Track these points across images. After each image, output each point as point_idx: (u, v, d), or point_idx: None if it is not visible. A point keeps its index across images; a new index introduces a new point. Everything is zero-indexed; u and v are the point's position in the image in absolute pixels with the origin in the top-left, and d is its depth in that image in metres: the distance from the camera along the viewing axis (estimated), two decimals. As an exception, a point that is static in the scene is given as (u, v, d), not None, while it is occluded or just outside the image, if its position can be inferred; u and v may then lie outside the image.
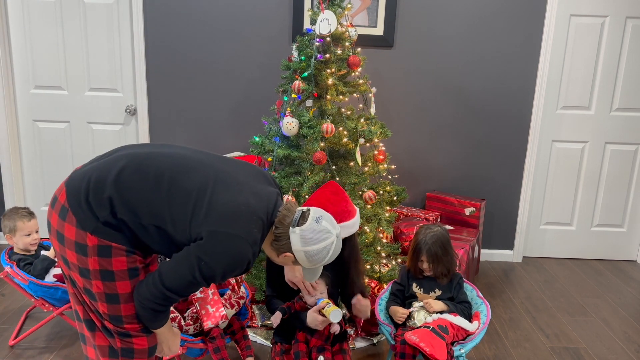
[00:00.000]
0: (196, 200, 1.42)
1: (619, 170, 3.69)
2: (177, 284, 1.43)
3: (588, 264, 3.77)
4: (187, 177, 1.46)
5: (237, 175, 1.52)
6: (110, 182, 1.43)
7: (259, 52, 3.42)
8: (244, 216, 1.43)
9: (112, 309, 1.49)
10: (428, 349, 1.82)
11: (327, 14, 2.50)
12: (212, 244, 1.40)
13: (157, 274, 1.44)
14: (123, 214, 1.43)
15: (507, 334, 2.73)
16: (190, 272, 1.40)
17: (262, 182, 1.57)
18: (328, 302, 1.92)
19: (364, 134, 2.64)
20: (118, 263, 1.45)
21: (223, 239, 1.40)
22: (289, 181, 2.58)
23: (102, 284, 1.46)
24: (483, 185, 3.65)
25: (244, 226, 1.43)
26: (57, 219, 1.46)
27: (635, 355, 2.57)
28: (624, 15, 3.41)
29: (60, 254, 1.50)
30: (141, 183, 1.44)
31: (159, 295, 1.44)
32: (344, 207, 1.88)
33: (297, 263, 1.59)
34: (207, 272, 1.41)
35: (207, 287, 1.94)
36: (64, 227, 1.45)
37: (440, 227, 2.19)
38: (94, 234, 1.42)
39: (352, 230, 1.92)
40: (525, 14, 3.38)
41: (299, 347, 1.95)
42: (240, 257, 1.42)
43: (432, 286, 2.17)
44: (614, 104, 3.57)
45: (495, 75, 3.47)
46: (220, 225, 1.40)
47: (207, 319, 2.04)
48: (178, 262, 1.43)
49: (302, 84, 2.53)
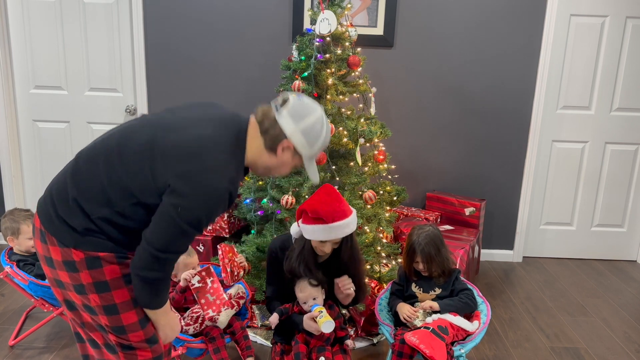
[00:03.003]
0: (149, 156, 1.36)
1: (619, 170, 3.69)
2: (165, 240, 1.35)
3: (588, 264, 3.77)
4: (132, 141, 1.40)
5: (182, 115, 1.46)
6: (68, 184, 1.40)
7: (259, 52, 3.42)
8: (201, 148, 1.36)
9: (112, 320, 1.44)
10: (428, 351, 1.82)
11: (327, 14, 2.50)
12: (180, 187, 1.33)
13: (143, 241, 1.37)
14: (94, 209, 1.38)
15: (507, 334, 2.73)
16: (171, 223, 1.33)
17: (217, 109, 1.50)
18: (321, 310, 1.91)
19: (364, 134, 2.64)
20: (110, 272, 1.41)
21: (189, 179, 1.33)
22: (289, 181, 2.58)
23: (97, 296, 1.41)
24: (483, 185, 3.65)
25: (205, 158, 1.35)
26: (41, 244, 1.43)
27: (635, 355, 2.57)
28: (624, 15, 3.41)
29: (53, 278, 1.46)
30: (94, 169, 1.40)
31: (153, 260, 1.36)
32: (336, 207, 1.88)
33: (297, 154, 1.50)
34: (189, 216, 1.33)
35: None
36: (49, 250, 1.41)
37: (432, 227, 2.19)
38: (77, 248, 1.38)
39: (347, 230, 1.90)
40: (525, 14, 3.38)
41: (299, 348, 1.95)
42: (214, 191, 1.35)
43: (432, 285, 2.17)
44: (614, 104, 3.57)
45: (495, 75, 3.47)
46: (180, 168, 1.34)
47: (207, 307, 2.02)
48: (158, 220, 1.35)
49: (302, 84, 2.53)
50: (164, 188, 1.35)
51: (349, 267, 2.02)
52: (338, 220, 1.86)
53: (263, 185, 2.73)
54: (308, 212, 1.88)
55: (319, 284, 1.99)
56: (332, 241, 1.92)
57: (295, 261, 1.96)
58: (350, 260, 2.01)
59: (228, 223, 2.95)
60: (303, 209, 1.91)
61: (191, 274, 2.05)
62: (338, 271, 2.03)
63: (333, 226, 1.86)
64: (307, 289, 1.98)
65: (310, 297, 1.98)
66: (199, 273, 2.04)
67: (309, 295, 1.98)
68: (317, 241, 1.93)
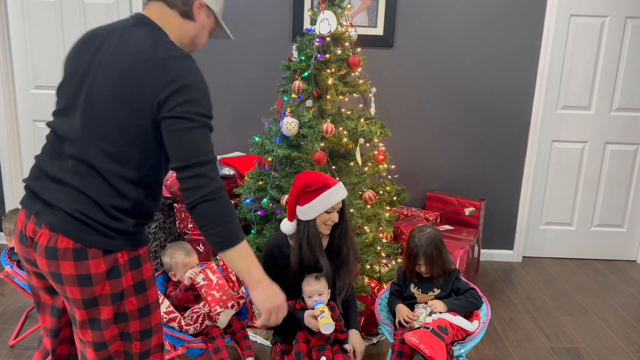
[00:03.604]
0: (122, 97, 1.26)
1: (619, 170, 3.69)
2: (200, 149, 1.26)
3: (588, 264, 3.77)
4: (94, 110, 1.29)
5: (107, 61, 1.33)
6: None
7: (259, 52, 3.42)
8: (163, 58, 1.27)
9: (143, 323, 1.37)
10: (428, 351, 1.82)
11: (327, 14, 2.50)
12: (172, 90, 1.25)
13: (183, 172, 1.26)
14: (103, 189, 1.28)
15: (507, 334, 2.73)
16: (191, 129, 1.25)
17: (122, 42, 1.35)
18: (323, 309, 1.91)
19: (364, 134, 2.64)
20: (147, 270, 1.37)
21: (173, 78, 1.25)
22: (289, 181, 2.58)
23: (135, 298, 1.34)
24: (483, 185, 3.65)
25: (168, 57, 1.27)
26: (72, 264, 1.28)
27: (635, 355, 2.57)
28: (624, 15, 3.41)
29: (76, 299, 1.29)
30: (52, 157, 1.34)
31: (208, 175, 1.26)
32: (325, 174, 2.00)
33: (210, 13, 1.45)
34: (198, 108, 1.26)
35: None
36: (88, 265, 1.28)
37: (432, 228, 2.18)
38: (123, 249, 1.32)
39: (344, 191, 1.98)
40: (525, 14, 3.38)
41: (300, 347, 1.95)
42: (197, 70, 1.30)
43: (431, 286, 2.17)
44: (614, 104, 3.57)
45: (495, 75, 3.48)
46: (160, 82, 1.25)
47: (214, 304, 2.02)
48: (177, 140, 1.25)
49: (302, 84, 2.53)
50: (156, 110, 1.26)
51: (342, 238, 2.05)
52: (336, 183, 1.96)
53: (263, 185, 2.73)
54: (310, 186, 1.92)
55: (325, 276, 2.00)
56: (337, 207, 1.97)
57: (307, 250, 1.97)
58: (345, 233, 2.05)
59: (228, 223, 2.94)
60: (301, 189, 1.95)
61: (195, 272, 2.05)
62: (338, 253, 2.05)
63: (335, 188, 1.94)
64: (314, 283, 1.99)
65: (317, 292, 1.98)
66: (203, 270, 2.04)
67: (316, 290, 1.98)
68: (324, 214, 1.95)
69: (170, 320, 2.04)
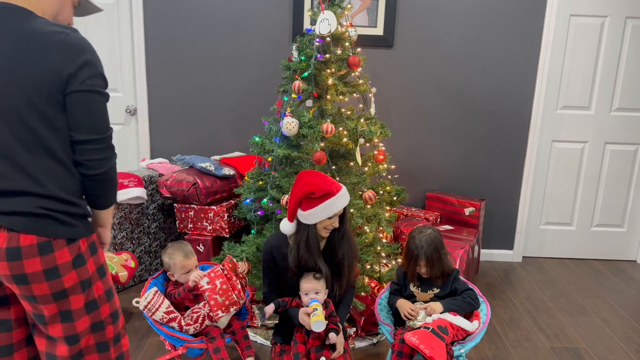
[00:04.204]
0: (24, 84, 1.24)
1: (619, 170, 3.69)
2: (103, 120, 1.33)
3: (588, 264, 3.77)
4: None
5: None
6: None
7: (259, 52, 3.42)
8: (55, 38, 1.26)
9: (111, 306, 1.43)
10: (428, 351, 1.82)
11: (327, 14, 2.50)
12: (76, 64, 1.27)
13: (85, 143, 1.31)
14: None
15: (507, 334, 2.73)
16: (96, 100, 1.30)
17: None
18: (316, 307, 1.91)
19: (364, 134, 2.64)
20: (102, 254, 1.41)
21: (71, 53, 1.26)
22: (289, 181, 2.58)
23: (100, 282, 1.39)
24: (483, 185, 3.65)
25: (51, 29, 1.27)
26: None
27: (635, 355, 2.57)
28: (624, 15, 3.41)
29: (45, 294, 1.29)
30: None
31: (108, 147, 1.34)
32: (330, 180, 1.98)
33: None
34: (99, 80, 1.31)
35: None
36: (54, 257, 1.28)
37: (432, 229, 2.18)
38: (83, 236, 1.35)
39: (347, 197, 1.99)
40: (525, 14, 3.38)
41: (298, 348, 1.95)
42: (86, 40, 1.31)
43: (430, 285, 2.17)
44: (614, 104, 3.57)
45: (495, 75, 3.48)
46: (59, 57, 1.25)
47: (217, 308, 2.02)
48: (84, 110, 1.29)
49: (302, 84, 2.53)
50: (65, 82, 1.27)
51: (337, 241, 2.05)
52: (340, 190, 1.95)
53: (263, 185, 2.73)
54: (314, 193, 1.91)
55: (324, 277, 2.00)
56: (338, 214, 1.98)
57: (305, 252, 1.97)
58: (342, 237, 2.05)
59: (228, 223, 2.95)
60: (304, 195, 1.93)
61: (200, 276, 2.05)
62: (333, 256, 2.05)
63: (339, 196, 1.94)
64: (312, 280, 1.99)
65: (313, 290, 1.99)
66: (208, 275, 2.05)
67: (312, 288, 1.99)
68: (326, 220, 1.95)
69: (171, 320, 2.04)
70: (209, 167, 3.00)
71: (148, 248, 3.13)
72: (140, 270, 3.12)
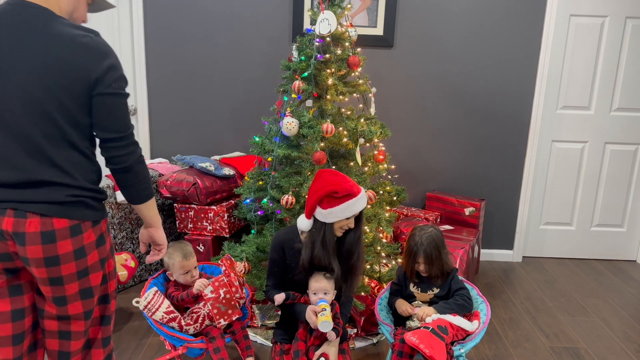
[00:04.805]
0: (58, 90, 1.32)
1: (619, 170, 3.69)
2: (126, 118, 1.42)
3: (588, 264, 3.77)
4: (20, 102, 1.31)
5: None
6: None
7: (259, 52, 3.42)
8: (83, 43, 1.34)
9: (115, 282, 1.55)
10: (428, 351, 1.82)
11: (327, 14, 2.50)
12: (105, 67, 1.35)
13: (113, 142, 1.40)
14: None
15: (507, 334, 2.73)
16: (120, 101, 1.39)
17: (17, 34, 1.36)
18: (324, 308, 1.91)
19: (364, 134, 2.64)
20: (110, 235, 1.52)
21: (101, 56, 1.35)
22: (289, 181, 2.58)
23: (112, 260, 1.52)
24: (483, 185, 3.65)
25: (86, 41, 1.34)
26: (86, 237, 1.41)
27: (635, 355, 2.57)
28: (624, 15, 3.41)
29: (72, 274, 1.39)
30: None
31: (133, 142, 1.43)
32: (352, 181, 1.98)
33: None
34: (123, 81, 1.40)
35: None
36: (82, 238, 1.39)
37: (434, 228, 2.18)
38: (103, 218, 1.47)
39: (365, 198, 1.99)
40: (525, 14, 3.38)
41: (299, 346, 1.95)
42: (107, 44, 1.40)
43: (430, 285, 2.17)
44: (613, 104, 3.57)
45: (495, 75, 3.48)
46: (92, 60, 1.33)
47: (219, 317, 2.03)
48: (111, 111, 1.38)
49: (302, 84, 2.53)
50: (93, 85, 1.35)
51: (354, 244, 2.05)
52: (360, 192, 1.96)
53: (263, 185, 2.73)
54: (337, 192, 1.91)
55: (332, 274, 2.00)
56: (355, 215, 1.98)
57: (321, 250, 1.97)
58: (358, 239, 2.06)
59: (228, 223, 2.95)
60: (327, 193, 1.92)
61: (205, 284, 2.05)
62: (345, 252, 2.05)
63: (360, 197, 1.94)
64: (322, 280, 1.99)
65: (323, 290, 1.98)
66: (212, 284, 2.05)
67: (322, 288, 1.98)
68: (343, 220, 1.96)
69: (170, 320, 2.04)
70: (209, 167, 3.00)
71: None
72: (140, 270, 3.12)
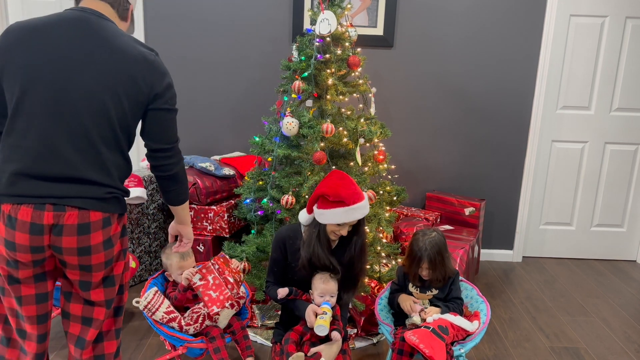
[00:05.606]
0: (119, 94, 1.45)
1: (618, 170, 3.69)
2: (174, 131, 1.58)
3: (588, 264, 3.77)
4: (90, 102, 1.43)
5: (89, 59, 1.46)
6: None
7: (259, 52, 3.43)
8: (145, 59, 1.50)
9: (127, 275, 1.63)
10: (427, 351, 1.82)
11: (327, 14, 2.50)
12: (165, 85, 1.52)
13: (164, 151, 1.55)
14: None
15: (507, 334, 2.73)
16: (172, 116, 1.56)
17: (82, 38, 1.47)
18: (325, 312, 1.91)
19: (364, 134, 2.64)
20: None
21: (161, 74, 1.52)
22: (289, 181, 2.58)
23: (129, 252, 1.65)
24: (483, 185, 3.65)
25: (148, 59, 1.51)
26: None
27: (635, 355, 2.57)
28: (624, 15, 3.42)
29: (100, 263, 1.49)
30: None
31: (179, 152, 1.59)
32: (354, 190, 1.94)
33: (131, 14, 1.64)
34: (175, 98, 1.57)
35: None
36: (110, 229, 1.50)
37: (437, 232, 2.17)
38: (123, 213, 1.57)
39: (364, 211, 1.96)
40: (525, 14, 3.38)
41: (291, 335, 1.95)
42: (162, 64, 1.57)
43: (429, 286, 2.17)
44: (613, 104, 3.57)
45: (495, 75, 3.48)
46: (153, 77, 1.49)
47: (211, 304, 2.02)
48: (165, 124, 1.55)
49: (302, 84, 2.53)
50: (152, 99, 1.51)
51: (356, 255, 2.04)
52: (357, 202, 1.91)
53: (263, 185, 2.73)
54: (329, 196, 1.89)
55: (337, 275, 2.00)
56: (349, 224, 1.96)
57: (316, 246, 1.96)
58: (361, 250, 2.04)
59: (228, 223, 2.95)
60: (322, 194, 1.92)
61: (192, 272, 2.05)
62: (347, 260, 2.04)
63: (353, 208, 1.90)
64: (330, 282, 1.98)
65: (330, 292, 1.97)
66: (200, 271, 2.05)
67: (331, 290, 1.97)
68: (334, 225, 1.94)
69: (170, 320, 2.04)
70: (209, 167, 3.00)
71: (148, 248, 3.14)
72: (141, 270, 3.12)
